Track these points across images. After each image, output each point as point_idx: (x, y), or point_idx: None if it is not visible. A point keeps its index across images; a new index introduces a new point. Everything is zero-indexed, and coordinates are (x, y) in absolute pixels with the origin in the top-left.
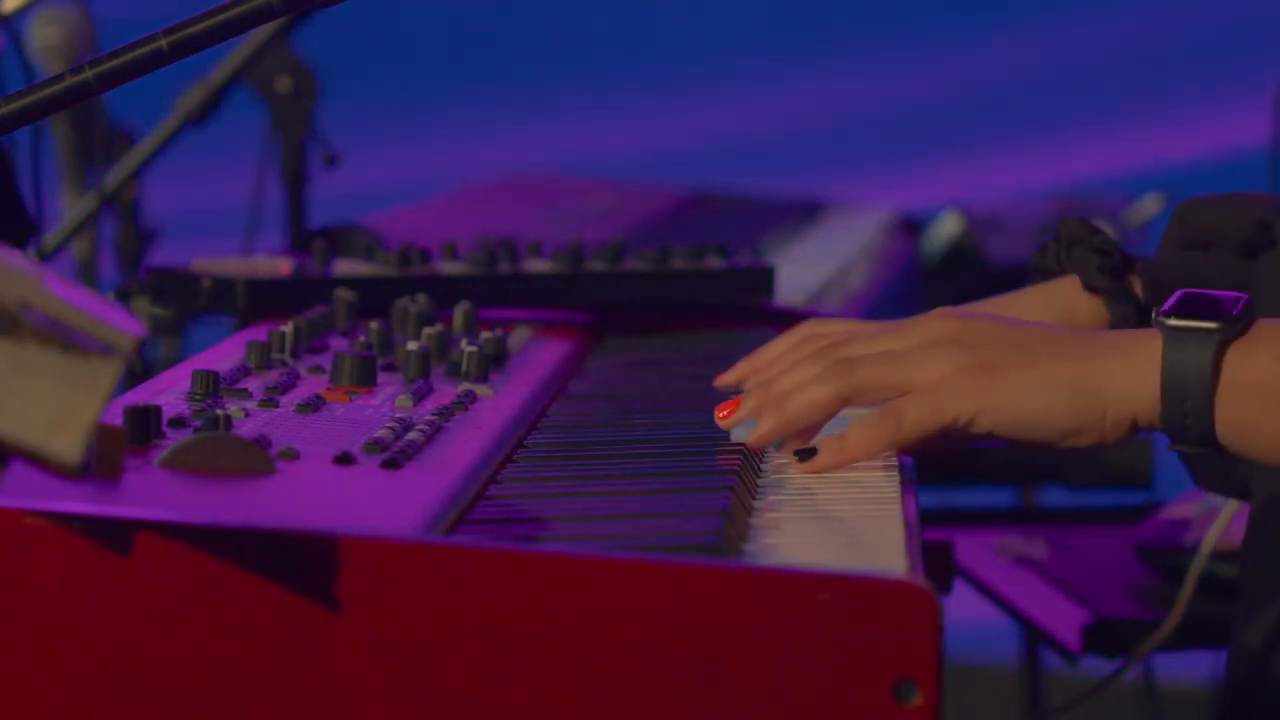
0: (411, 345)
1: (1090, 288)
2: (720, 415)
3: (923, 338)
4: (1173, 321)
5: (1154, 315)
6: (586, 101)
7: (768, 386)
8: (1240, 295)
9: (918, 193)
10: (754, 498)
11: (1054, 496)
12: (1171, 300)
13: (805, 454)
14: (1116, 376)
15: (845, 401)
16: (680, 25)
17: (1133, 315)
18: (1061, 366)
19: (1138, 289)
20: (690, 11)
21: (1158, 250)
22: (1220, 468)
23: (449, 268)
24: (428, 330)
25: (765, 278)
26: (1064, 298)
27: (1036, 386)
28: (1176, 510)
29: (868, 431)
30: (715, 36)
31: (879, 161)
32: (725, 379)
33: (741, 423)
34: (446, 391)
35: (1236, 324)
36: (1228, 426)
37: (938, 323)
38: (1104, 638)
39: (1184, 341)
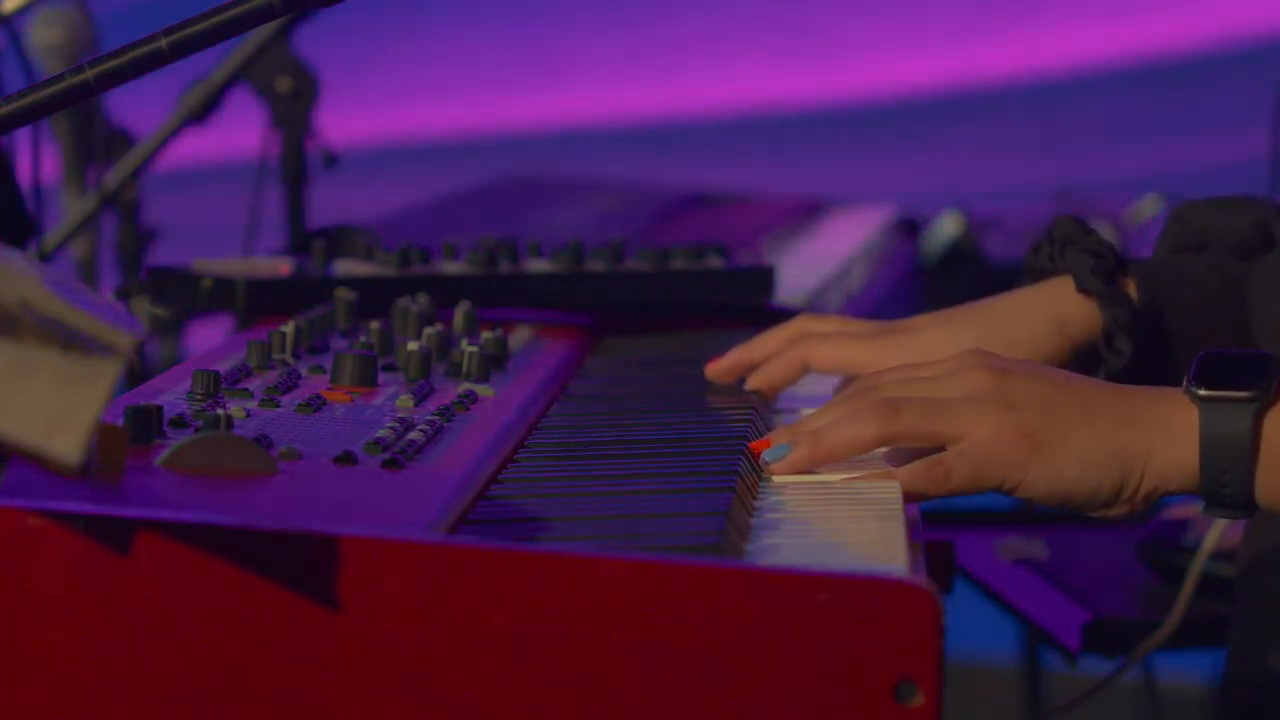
0: (412, 345)
1: (1083, 289)
2: (756, 449)
3: (962, 389)
4: (1205, 392)
5: (1184, 384)
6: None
7: (802, 424)
8: (1265, 354)
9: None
10: (754, 498)
11: None
12: (1195, 366)
13: None
14: (1153, 452)
15: (883, 443)
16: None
17: (1125, 318)
18: (1099, 438)
19: (1131, 291)
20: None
21: (1154, 251)
22: None
23: (449, 268)
24: (428, 330)
25: (765, 278)
26: (1057, 299)
27: (1076, 462)
28: (1176, 510)
29: (913, 480)
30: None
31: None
32: (717, 366)
33: (776, 448)
34: (447, 391)
35: (1269, 389)
36: (1269, 492)
37: (975, 374)
38: (1104, 638)
39: (1220, 413)
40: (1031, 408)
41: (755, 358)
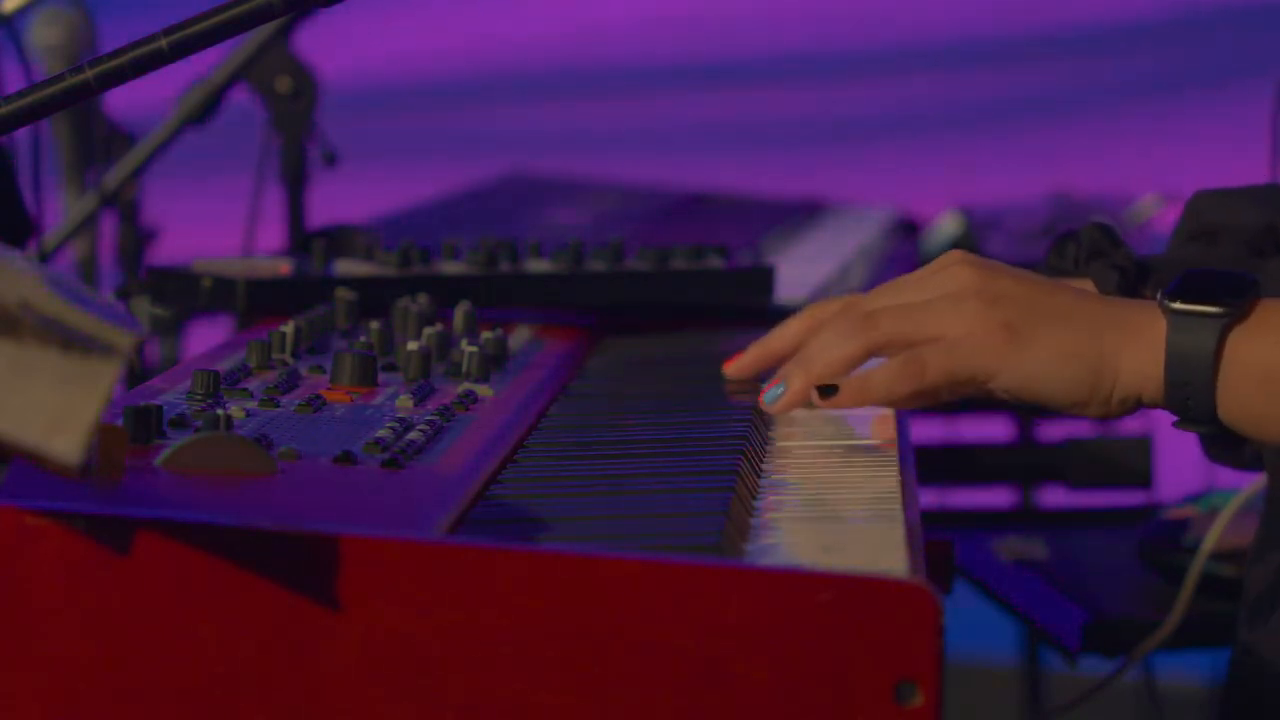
0: (412, 345)
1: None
2: (760, 394)
3: (943, 289)
4: (1176, 305)
5: (1158, 296)
6: None
7: (798, 356)
8: (1244, 274)
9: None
10: (754, 498)
11: (1054, 496)
12: (1175, 281)
13: (827, 390)
14: (1125, 355)
15: (870, 355)
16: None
17: None
18: (1076, 338)
19: None
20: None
21: (1170, 240)
22: (1227, 443)
23: (449, 268)
24: (428, 330)
25: (765, 278)
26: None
27: (1051, 357)
28: (1176, 510)
29: (891, 378)
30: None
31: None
32: (736, 365)
33: (773, 389)
34: (447, 391)
35: (1240, 307)
36: (1230, 410)
37: (958, 270)
38: (1104, 638)
39: (1187, 325)
40: (1012, 304)
41: (775, 349)
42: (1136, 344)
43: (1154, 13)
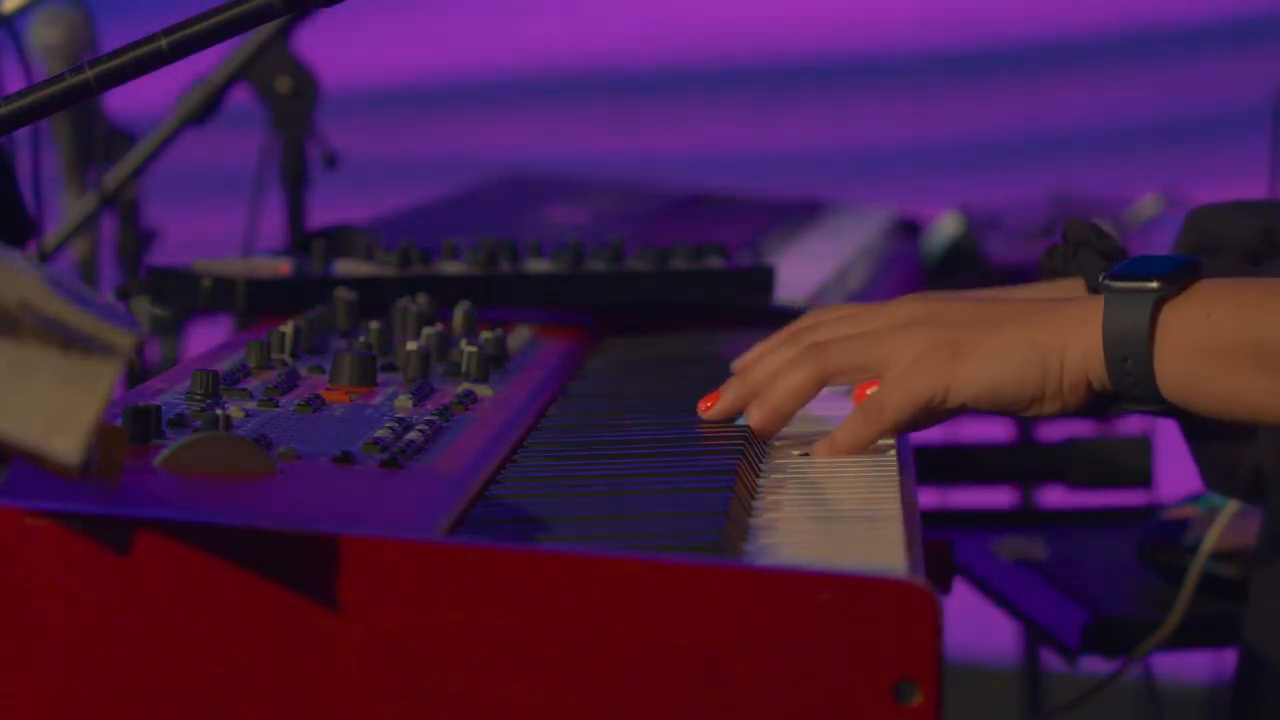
0: (411, 345)
1: (1094, 290)
2: (703, 407)
3: (890, 320)
4: (1114, 284)
5: (1100, 278)
6: None
7: (744, 377)
8: (1188, 258)
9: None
10: (754, 498)
11: (1054, 496)
12: (1123, 264)
13: None
14: (1068, 341)
15: (823, 384)
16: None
17: None
18: (1017, 337)
19: None
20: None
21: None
22: (1226, 470)
23: (449, 268)
24: (428, 330)
25: (765, 278)
26: (1069, 295)
27: (998, 357)
28: (1176, 510)
29: (855, 428)
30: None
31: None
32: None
33: (724, 414)
34: (446, 391)
35: (1174, 284)
36: (1168, 384)
37: (906, 305)
38: (1104, 638)
39: (1123, 302)
40: (952, 323)
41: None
42: (1080, 330)
43: (1154, 16)
